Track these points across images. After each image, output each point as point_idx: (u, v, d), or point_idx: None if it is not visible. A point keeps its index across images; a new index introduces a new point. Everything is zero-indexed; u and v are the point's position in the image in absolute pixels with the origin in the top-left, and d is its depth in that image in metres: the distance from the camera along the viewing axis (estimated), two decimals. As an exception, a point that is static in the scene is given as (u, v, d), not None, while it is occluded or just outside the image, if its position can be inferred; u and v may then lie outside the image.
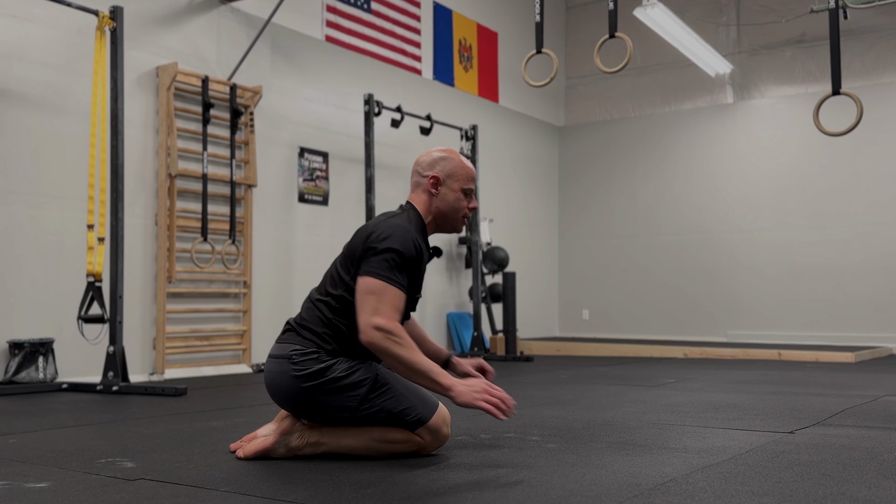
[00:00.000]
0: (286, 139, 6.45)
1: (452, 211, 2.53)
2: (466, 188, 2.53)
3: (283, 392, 2.39)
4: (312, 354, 2.38)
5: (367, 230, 2.42)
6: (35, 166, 4.85)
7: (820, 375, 5.30)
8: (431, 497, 1.90)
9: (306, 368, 2.36)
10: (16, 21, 4.80)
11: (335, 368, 2.36)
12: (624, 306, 9.46)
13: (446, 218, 2.54)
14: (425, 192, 2.53)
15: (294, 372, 2.36)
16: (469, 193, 2.53)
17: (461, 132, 7.57)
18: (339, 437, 2.41)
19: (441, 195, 2.52)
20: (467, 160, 2.54)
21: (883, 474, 2.13)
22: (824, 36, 8.18)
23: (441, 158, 2.53)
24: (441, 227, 2.58)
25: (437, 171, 2.51)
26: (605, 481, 2.05)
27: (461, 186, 2.52)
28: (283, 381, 2.38)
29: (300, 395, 2.36)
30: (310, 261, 6.55)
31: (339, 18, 7.01)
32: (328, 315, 2.42)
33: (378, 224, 2.42)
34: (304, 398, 2.36)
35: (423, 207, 2.53)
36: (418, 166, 2.55)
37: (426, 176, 2.52)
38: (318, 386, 2.34)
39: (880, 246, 8.14)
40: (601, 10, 9.38)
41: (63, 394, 4.39)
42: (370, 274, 2.32)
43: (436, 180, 2.51)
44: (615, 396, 4.10)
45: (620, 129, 9.73)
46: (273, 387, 2.43)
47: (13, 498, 1.92)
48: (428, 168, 2.52)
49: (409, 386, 2.43)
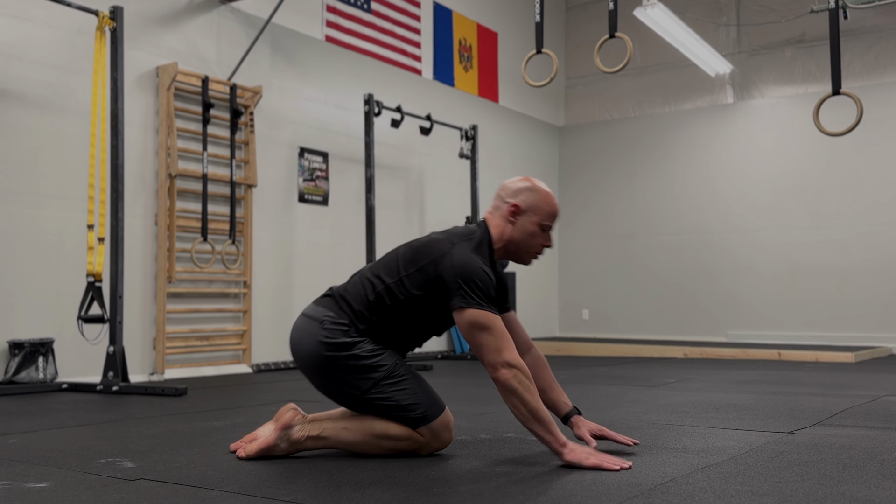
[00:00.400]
0: (286, 139, 6.45)
1: (525, 244, 2.47)
2: (545, 224, 2.46)
3: (305, 352, 2.43)
4: (343, 326, 2.41)
5: (440, 250, 2.37)
6: (35, 166, 4.85)
7: (820, 375, 5.30)
8: (431, 497, 1.90)
9: (334, 338, 2.39)
10: (16, 21, 4.80)
11: (360, 347, 2.39)
12: (624, 306, 9.46)
13: (518, 249, 2.49)
14: (503, 217, 2.47)
15: (321, 337, 2.40)
16: (547, 230, 2.47)
17: (461, 132, 7.57)
18: (340, 432, 2.42)
19: (518, 225, 2.45)
20: (554, 196, 2.48)
21: (883, 474, 2.13)
22: (824, 36, 8.17)
23: (527, 189, 2.46)
24: (509, 256, 2.52)
25: (520, 200, 2.45)
26: (605, 481, 2.05)
27: (540, 221, 2.45)
28: (308, 342, 2.42)
29: (320, 360, 2.40)
30: (310, 261, 6.55)
31: (339, 18, 7.01)
32: (370, 297, 2.42)
33: (452, 251, 2.35)
34: (323, 364, 2.40)
35: (496, 231, 2.47)
36: (503, 190, 2.49)
37: (507, 202, 2.46)
38: (340, 358, 2.38)
39: (880, 246, 8.14)
40: (601, 10, 9.38)
41: (63, 394, 4.39)
42: (474, 306, 2.27)
43: (516, 209, 2.44)
44: (615, 396, 4.10)
45: (620, 129, 9.73)
46: (297, 344, 2.46)
47: (13, 498, 1.92)
48: (511, 195, 2.46)
49: (423, 384, 2.45)
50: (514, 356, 2.25)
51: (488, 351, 2.26)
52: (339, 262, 6.80)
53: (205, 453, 2.51)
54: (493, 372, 2.26)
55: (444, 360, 7.02)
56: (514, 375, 2.23)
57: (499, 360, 2.24)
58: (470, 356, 7.18)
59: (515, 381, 2.23)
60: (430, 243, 2.44)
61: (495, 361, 2.24)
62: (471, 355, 7.18)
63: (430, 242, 2.44)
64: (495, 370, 2.25)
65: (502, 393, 2.26)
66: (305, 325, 2.46)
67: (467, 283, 2.29)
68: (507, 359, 2.24)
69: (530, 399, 2.23)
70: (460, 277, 2.29)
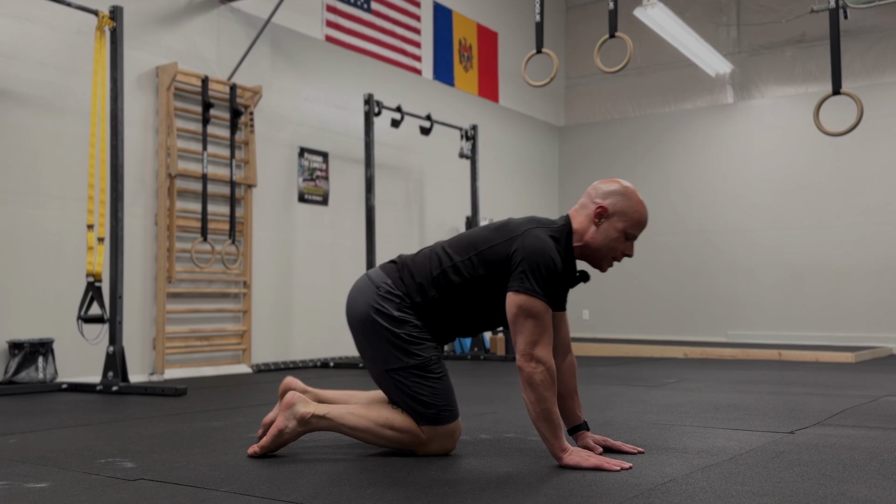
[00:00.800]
0: (286, 139, 6.45)
1: (605, 249, 2.41)
2: (630, 233, 2.40)
3: (357, 312, 2.48)
4: (396, 298, 2.43)
5: (516, 230, 2.35)
6: (35, 166, 4.85)
7: (820, 375, 5.30)
8: (431, 497, 1.90)
9: (386, 308, 2.42)
10: (16, 21, 4.80)
11: (406, 327, 2.41)
12: (624, 306, 9.46)
13: (596, 252, 2.42)
14: (588, 217, 2.40)
15: (374, 302, 2.43)
16: (631, 239, 2.41)
17: (461, 132, 7.57)
18: (345, 415, 2.44)
19: (601, 229, 2.39)
20: (645, 206, 2.40)
21: (883, 474, 2.13)
22: (824, 36, 8.18)
23: (619, 193, 2.39)
24: (585, 258, 2.46)
25: (608, 203, 2.38)
26: (605, 481, 2.05)
27: (625, 229, 2.39)
28: (361, 301, 2.47)
29: (367, 323, 2.44)
30: (310, 261, 6.55)
31: (339, 18, 7.01)
32: (435, 272, 2.42)
33: (527, 232, 2.33)
34: (368, 328, 2.44)
35: (578, 229, 2.41)
36: (593, 189, 2.43)
37: (595, 203, 2.39)
38: (384, 328, 2.41)
39: (880, 246, 8.14)
40: (601, 10, 9.39)
41: (63, 394, 4.39)
42: (529, 292, 2.24)
43: (602, 212, 2.38)
44: (615, 396, 4.10)
45: (620, 129, 9.73)
46: (352, 303, 2.51)
47: (13, 498, 1.92)
48: (601, 196, 2.39)
49: (447, 387, 2.44)
50: (547, 353, 2.24)
51: (525, 339, 2.24)
52: (339, 262, 6.80)
53: (205, 453, 2.51)
54: (521, 360, 2.24)
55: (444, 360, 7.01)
56: (539, 371, 2.22)
57: (531, 352, 2.23)
58: (470, 356, 7.18)
59: (539, 376, 2.22)
60: (507, 224, 2.42)
61: (528, 351, 2.23)
62: (471, 355, 7.18)
63: (507, 223, 2.42)
64: (524, 360, 2.23)
65: (523, 384, 2.25)
66: (364, 287, 2.50)
67: (532, 267, 2.25)
68: (540, 354, 2.23)
69: (547, 398, 2.22)
70: (527, 260, 2.26)
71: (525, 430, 2.93)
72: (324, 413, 2.43)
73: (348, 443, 2.68)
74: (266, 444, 2.42)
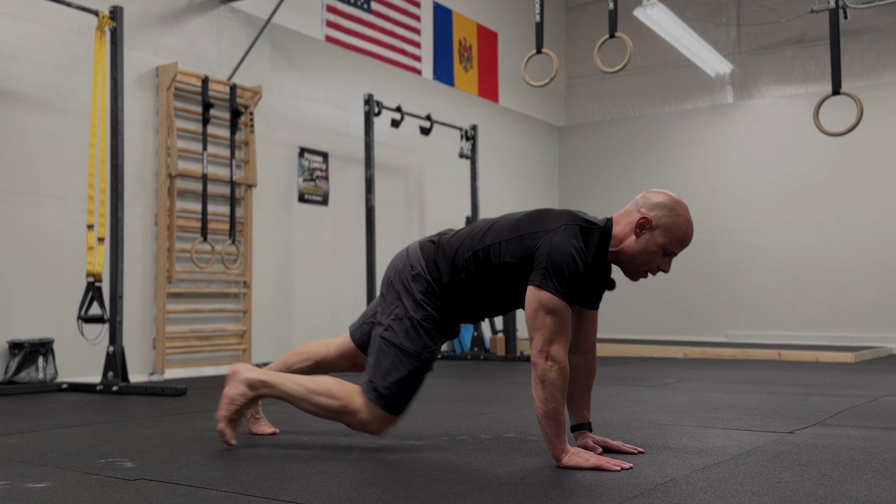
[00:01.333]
0: (286, 139, 6.45)
1: (640, 260, 2.37)
2: (671, 249, 2.37)
3: (388, 274, 2.59)
4: (424, 283, 2.47)
5: (547, 226, 2.32)
6: (35, 166, 4.85)
7: (820, 375, 5.30)
8: (431, 497, 1.90)
9: (412, 288, 2.48)
10: (16, 21, 4.80)
11: (422, 314, 2.46)
12: (624, 306, 9.45)
13: (630, 262, 2.39)
14: (630, 225, 2.36)
15: (403, 276, 2.51)
16: (670, 255, 2.37)
17: (461, 132, 7.58)
18: (287, 383, 2.55)
19: (641, 239, 2.35)
20: (692, 225, 2.36)
21: (883, 474, 2.13)
22: (824, 36, 8.17)
23: (666, 206, 2.35)
24: (619, 264, 2.42)
25: (653, 215, 2.34)
26: (605, 481, 2.05)
27: (666, 244, 2.35)
28: (393, 271, 2.57)
29: (390, 286, 2.54)
30: (310, 261, 6.55)
31: (339, 18, 7.01)
32: (467, 254, 2.43)
33: (558, 230, 2.29)
34: (389, 289, 2.54)
35: (618, 234, 2.37)
36: (642, 198, 2.39)
37: (640, 212, 2.36)
38: (402, 302, 2.48)
39: (880, 246, 8.14)
40: (601, 10, 9.38)
41: (63, 394, 4.39)
42: (550, 289, 2.22)
43: (645, 222, 2.34)
44: (615, 396, 4.10)
45: (620, 129, 9.73)
46: (390, 268, 2.60)
47: (13, 498, 1.92)
48: (647, 207, 2.36)
49: (416, 389, 2.49)
50: (563, 352, 2.23)
51: (542, 336, 2.23)
52: (339, 262, 6.80)
53: (205, 453, 2.51)
54: (537, 356, 2.23)
55: (443, 360, 7.02)
56: (554, 369, 2.21)
57: (547, 349, 2.22)
58: (470, 356, 7.18)
59: (553, 374, 2.21)
60: (545, 215, 2.38)
61: (544, 348, 2.22)
62: (471, 355, 7.18)
63: (546, 214, 2.38)
64: (540, 356, 2.22)
65: (535, 380, 2.23)
66: (400, 262, 2.56)
67: (554, 265, 2.23)
68: (555, 352, 2.22)
69: (557, 397, 2.22)
70: (550, 258, 2.24)
71: (525, 430, 2.93)
72: (267, 379, 2.54)
73: (348, 443, 2.68)
74: (221, 414, 2.53)
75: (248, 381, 2.55)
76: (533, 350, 2.25)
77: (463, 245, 2.46)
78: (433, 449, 2.56)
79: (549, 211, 2.41)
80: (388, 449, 2.56)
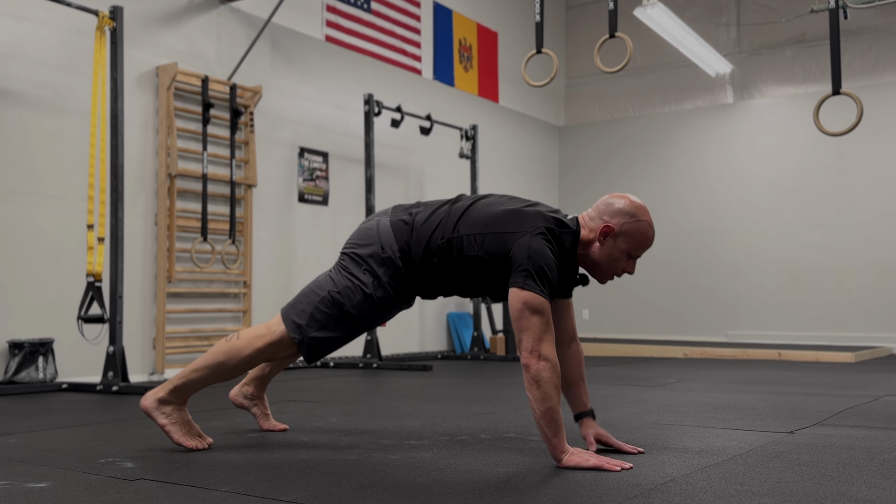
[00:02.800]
0: (286, 139, 6.45)
1: (605, 265, 2.41)
2: (634, 253, 2.40)
3: (357, 239, 2.57)
4: (393, 267, 2.48)
5: (523, 229, 2.33)
6: (35, 166, 4.85)
7: (820, 375, 5.30)
8: (431, 497, 1.90)
9: (374, 269, 2.49)
10: (16, 21, 4.80)
11: (381, 292, 2.49)
12: (624, 306, 9.46)
13: (597, 267, 2.43)
14: (594, 231, 2.40)
15: (371, 255, 2.51)
16: (634, 258, 2.40)
17: (461, 132, 7.57)
18: (188, 372, 2.59)
19: (605, 246, 2.39)
20: (653, 228, 2.40)
21: (883, 474, 2.13)
22: (824, 36, 8.18)
23: (627, 213, 2.37)
24: (586, 267, 2.47)
25: (615, 223, 2.37)
26: (605, 481, 2.05)
27: (629, 249, 2.39)
28: (361, 241, 2.55)
29: (354, 254, 2.55)
30: (310, 261, 6.55)
31: (339, 18, 7.01)
32: (441, 241, 2.43)
33: (532, 236, 2.31)
34: (352, 257, 2.55)
35: (584, 239, 2.42)
36: (604, 205, 2.42)
37: (603, 220, 2.39)
38: (358, 278, 2.50)
39: (880, 246, 8.14)
40: (601, 10, 9.38)
41: (63, 394, 4.39)
42: (534, 290, 2.24)
43: (608, 231, 2.37)
44: (615, 396, 4.10)
45: (620, 129, 9.73)
46: (361, 232, 2.58)
47: (13, 498, 1.92)
48: (609, 214, 2.39)
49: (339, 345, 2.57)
50: (551, 350, 2.24)
51: (531, 336, 2.23)
52: (339, 262, 6.79)
53: (205, 453, 2.51)
54: (528, 357, 2.23)
55: (443, 360, 7.02)
56: (545, 368, 2.21)
57: (538, 349, 2.22)
58: (470, 356, 7.18)
59: (546, 373, 2.21)
60: (518, 215, 2.38)
61: (535, 348, 2.22)
62: (471, 355, 7.18)
63: (519, 215, 2.38)
64: (532, 357, 2.22)
65: (528, 381, 2.23)
66: (374, 236, 2.53)
67: (536, 267, 2.26)
68: (545, 350, 2.23)
69: (553, 396, 2.22)
70: (532, 261, 2.26)
71: (525, 430, 2.93)
72: (172, 386, 2.57)
73: (348, 443, 2.68)
74: (176, 439, 2.57)
75: (161, 399, 2.57)
76: (523, 352, 2.25)
77: (437, 230, 2.45)
78: (433, 449, 2.56)
79: (522, 212, 2.39)
80: (388, 449, 2.56)
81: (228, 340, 2.58)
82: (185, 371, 2.59)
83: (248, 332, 2.57)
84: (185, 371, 2.60)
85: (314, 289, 2.58)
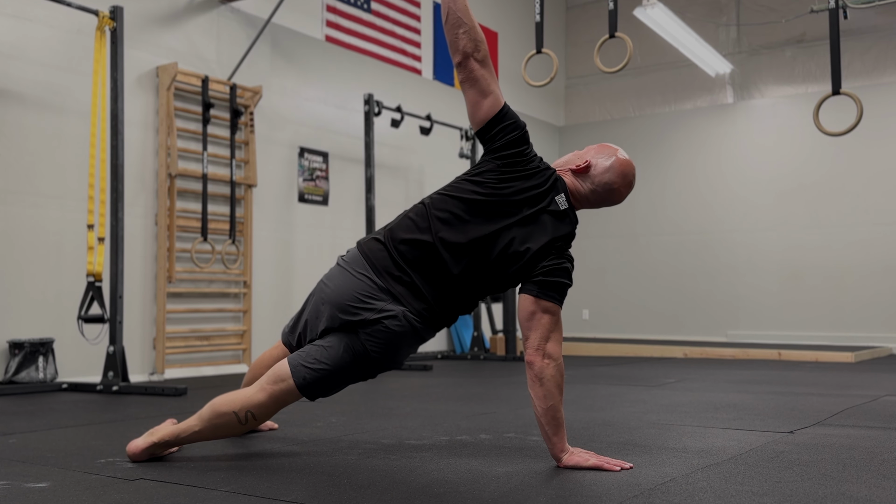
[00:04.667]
0: (286, 139, 6.45)
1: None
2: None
3: (330, 298, 2.32)
4: (375, 300, 2.27)
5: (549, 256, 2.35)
6: (35, 166, 4.85)
7: (820, 375, 5.30)
8: (431, 497, 1.90)
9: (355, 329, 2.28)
10: (16, 21, 4.80)
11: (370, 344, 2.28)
12: (624, 306, 9.45)
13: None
14: (569, 171, 2.58)
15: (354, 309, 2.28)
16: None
17: (461, 132, 7.57)
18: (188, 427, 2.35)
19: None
20: (628, 190, 2.57)
21: (883, 474, 2.13)
22: (824, 36, 8.17)
23: (607, 167, 2.59)
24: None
25: (592, 161, 2.58)
26: (605, 481, 2.05)
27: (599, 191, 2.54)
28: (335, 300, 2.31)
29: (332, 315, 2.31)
30: (310, 261, 6.55)
31: (339, 18, 7.01)
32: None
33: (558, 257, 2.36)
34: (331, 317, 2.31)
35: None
36: (587, 151, 2.63)
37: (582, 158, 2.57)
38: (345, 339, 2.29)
39: (880, 246, 8.14)
40: (601, 10, 9.38)
41: (63, 394, 4.39)
42: (553, 300, 2.27)
43: (587, 167, 2.55)
44: (615, 396, 4.10)
45: (620, 129, 9.73)
46: (333, 288, 2.32)
47: (13, 498, 1.92)
48: (589, 154, 2.62)
49: (342, 380, 2.35)
50: (557, 349, 2.24)
51: (538, 334, 2.23)
52: (339, 262, 6.79)
53: (204, 453, 2.51)
54: (533, 355, 2.22)
55: (443, 360, 7.02)
56: (550, 366, 2.21)
57: (544, 347, 2.22)
58: (470, 356, 7.18)
59: (550, 371, 2.21)
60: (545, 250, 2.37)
61: (540, 346, 2.22)
62: (471, 355, 7.18)
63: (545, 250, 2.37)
64: (536, 354, 2.22)
65: (531, 379, 2.23)
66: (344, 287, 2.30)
67: (559, 284, 2.31)
68: (551, 349, 2.23)
69: (555, 395, 2.22)
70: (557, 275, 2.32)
71: (525, 430, 2.93)
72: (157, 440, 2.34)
73: (348, 443, 2.68)
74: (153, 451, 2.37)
75: (147, 448, 2.34)
76: (528, 349, 2.24)
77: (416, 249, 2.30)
78: (433, 449, 2.56)
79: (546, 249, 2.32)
80: (388, 449, 2.56)
81: None
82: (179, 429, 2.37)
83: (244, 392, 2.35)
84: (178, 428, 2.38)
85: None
